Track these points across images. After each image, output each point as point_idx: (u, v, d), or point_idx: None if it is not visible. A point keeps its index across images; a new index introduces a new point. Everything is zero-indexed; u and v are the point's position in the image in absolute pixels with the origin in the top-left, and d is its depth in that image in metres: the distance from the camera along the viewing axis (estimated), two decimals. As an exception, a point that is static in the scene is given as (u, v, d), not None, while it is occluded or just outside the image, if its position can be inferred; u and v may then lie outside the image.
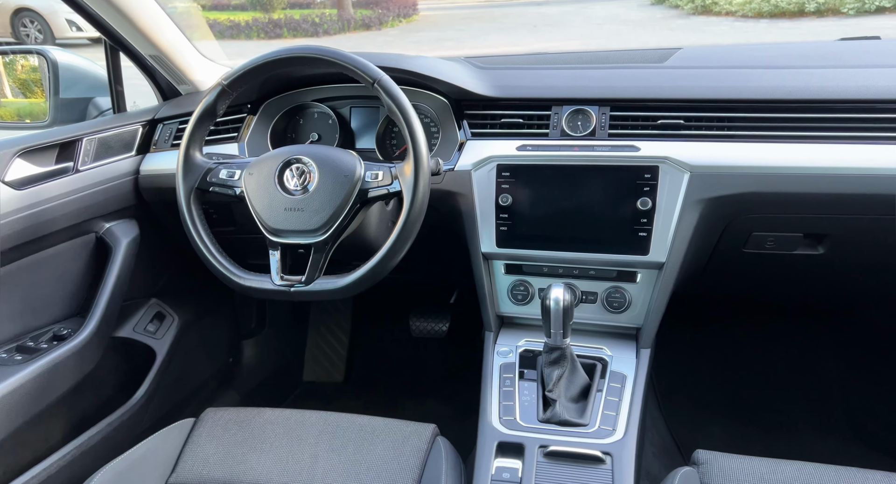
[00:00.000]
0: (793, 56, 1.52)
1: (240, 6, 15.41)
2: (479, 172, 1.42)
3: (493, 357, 1.37)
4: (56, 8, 9.83)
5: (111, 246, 1.49)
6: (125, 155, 1.57)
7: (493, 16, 14.52)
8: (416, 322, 2.30)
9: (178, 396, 1.79)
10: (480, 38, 12.01)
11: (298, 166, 1.24)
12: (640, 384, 1.25)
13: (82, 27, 9.96)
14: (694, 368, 2.04)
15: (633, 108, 1.39)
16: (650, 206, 1.31)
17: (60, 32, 9.84)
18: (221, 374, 2.03)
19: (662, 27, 11.92)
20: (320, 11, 15.01)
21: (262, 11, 14.96)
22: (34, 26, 9.94)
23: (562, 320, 1.21)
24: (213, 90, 1.27)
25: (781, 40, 1.95)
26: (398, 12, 15.05)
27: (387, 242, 1.21)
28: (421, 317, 2.30)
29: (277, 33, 13.30)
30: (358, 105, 1.63)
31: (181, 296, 1.83)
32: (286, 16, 14.39)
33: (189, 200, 1.28)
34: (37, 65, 1.91)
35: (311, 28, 13.48)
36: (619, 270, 1.39)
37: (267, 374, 2.21)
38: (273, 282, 1.24)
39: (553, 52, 1.84)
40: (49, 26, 9.87)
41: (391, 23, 14.41)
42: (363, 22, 14.07)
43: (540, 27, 12.96)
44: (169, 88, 1.71)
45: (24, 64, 2.02)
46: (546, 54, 1.80)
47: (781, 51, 1.57)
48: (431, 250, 1.66)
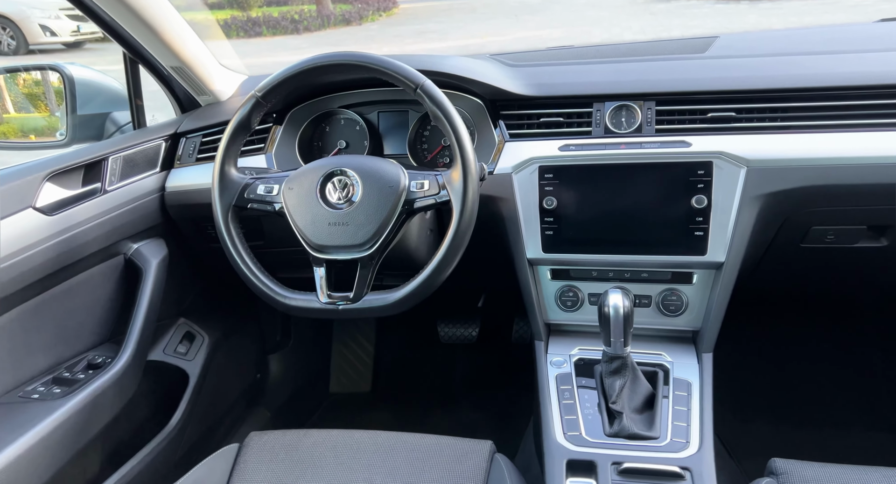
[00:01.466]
0: (838, 40, 1.48)
1: (216, 4, 15.16)
2: (520, 175, 1.37)
3: (547, 368, 1.33)
4: (28, 13, 9.59)
5: (141, 267, 1.43)
6: (150, 172, 1.51)
7: (473, 6, 14.43)
8: (445, 328, 2.25)
9: (212, 418, 1.74)
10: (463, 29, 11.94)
11: (341, 179, 1.20)
12: (708, 392, 1.21)
13: (56, 32, 9.75)
14: (734, 366, 2.01)
15: (680, 101, 1.35)
16: (706, 203, 1.27)
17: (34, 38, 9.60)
18: (251, 391, 1.97)
19: (644, 12, 11.92)
20: (299, 8, 14.81)
21: (239, 10, 14.74)
22: (6, 33, 9.69)
23: (622, 328, 1.17)
24: (246, 103, 1.22)
25: (814, 24, 1.91)
26: (378, 6, 14.91)
27: (437, 254, 1.17)
28: (449, 323, 2.26)
29: (257, 32, 13.11)
30: (386, 110, 1.58)
31: (209, 314, 1.77)
32: (264, 14, 14.18)
33: (227, 218, 1.22)
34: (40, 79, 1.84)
35: (290, 25, 13.31)
36: (674, 272, 1.36)
37: (295, 388, 2.16)
38: (319, 300, 1.19)
39: (581, 46, 1.79)
40: (22, 32, 9.62)
41: (371, 17, 14.27)
42: (343, 17, 13.92)
43: (521, 16, 12.91)
44: (187, 100, 1.65)
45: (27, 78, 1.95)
46: (574, 48, 1.76)
47: (823, 35, 1.54)
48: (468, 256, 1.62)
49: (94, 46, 9.98)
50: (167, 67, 1.49)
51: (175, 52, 1.42)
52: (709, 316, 1.33)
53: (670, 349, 1.35)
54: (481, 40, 10.68)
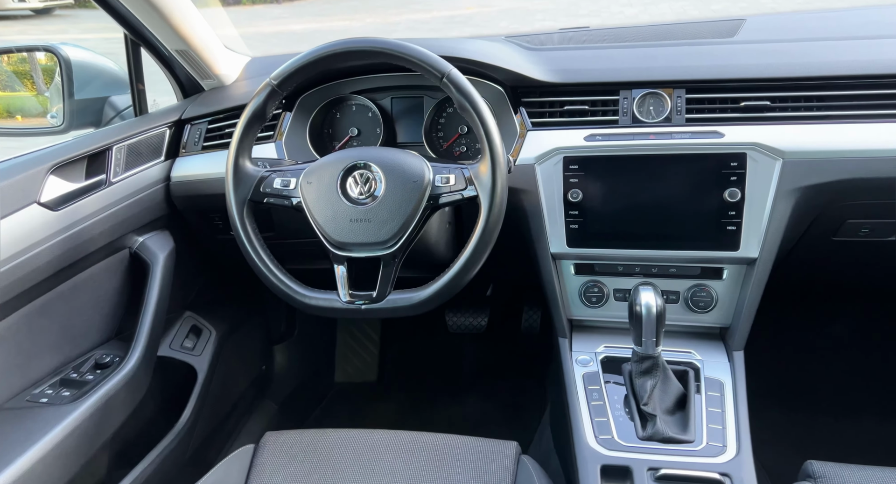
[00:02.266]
0: (874, 24, 1.43)
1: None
2: (543, 166, 1.33)
3: (573, 366, 1.30)
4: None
5: (148, 262, 1.38)
6: (154, 161, 1.45)
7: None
8: (453, 317, 2.22)
9: (221, 414, 1.71)
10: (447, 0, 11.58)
11: (363, 173, 1.15)
12: (742, 393, 1.19)
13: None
14: (759, 360, 1.98)
15: (711, 89, 1.30)
16: (739, 197, 1.24)
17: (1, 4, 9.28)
18: (257, 383, 1.94)
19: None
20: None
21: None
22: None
23: (654, 327, 1.14)
24: (261, 91, 1.16)
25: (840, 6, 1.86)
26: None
27: (464, 252, 1.13)
28: (458, 312, 2.22)
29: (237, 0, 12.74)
30: (399, 96, 1.52)
31: (215, 307, 1.72)
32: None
33: (242, 213, 1.17)
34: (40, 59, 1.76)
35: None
36: (704, 267, 1.32)
37: (300, 379, 2.13)
38: (341, 300, 1.15)
39: (600, 28, 1.73)
40: (-11, -2, 9.28)
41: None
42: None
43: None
44: (190, 84, 1.58)
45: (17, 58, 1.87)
46: (592, 30, 1.70)
47: (857, 18, 1.49)
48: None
49: (65, 13, 9.65)
50: (171, 51, 1.42)
51: (181, 35, 1.35)
52: (740, 313, 1.29)
53: (699, 347, 1.32)
54: (466, 12, 10.48)
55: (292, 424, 2.01)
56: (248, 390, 1.88)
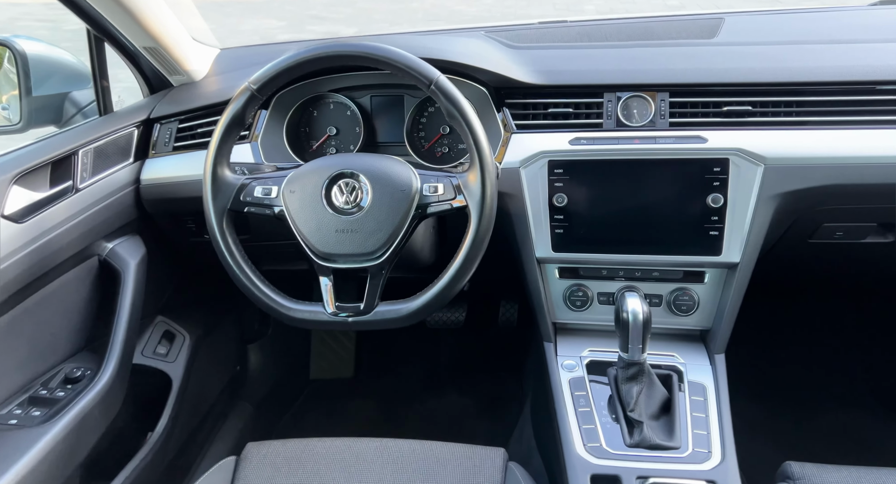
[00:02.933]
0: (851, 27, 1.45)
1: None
2: (528, 170, 1.32)
3: (559, 372, 1.31)
4: None
5: (118, 270, 1.33)
6: (123, 163, 1.39)
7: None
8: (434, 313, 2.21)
9: (196, 419, 1.67)
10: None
11: (348, 182, 1.12)
12: (725, 397, 1.21)
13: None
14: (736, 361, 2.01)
15: (694, 93, 1.31)
16: (722, 202, 1.25)
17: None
18: (231, 385, 1.90)
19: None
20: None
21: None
22: None
23: (641, 334, 1.15)
24: (240, 96, 1.12)
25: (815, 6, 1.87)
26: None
27: (453, 263, 1.12)
28: None
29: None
30: (379, 94, 1.48)
31: (188, 309, 1.68)
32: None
33: (222, 224, 1.13)
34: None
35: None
36: (686, 271, 1.34)
37: (275, 377, 2.10)
38: (327, 312, 1.13)
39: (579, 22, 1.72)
40: None
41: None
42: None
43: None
44: (157, 79, 1.51)
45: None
46: (572, 25, 1.68)
47: (835, 20, 1.51)
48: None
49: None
50: (139, 47, 1.36)
51: (150, 31, 1.29)
52: (721, 316, 1.32)
53: (681, 349, 1.35)
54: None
55: (268, 425, 1.98)
56: (223, 393, 1.85)
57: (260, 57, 1.61)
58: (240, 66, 1.58)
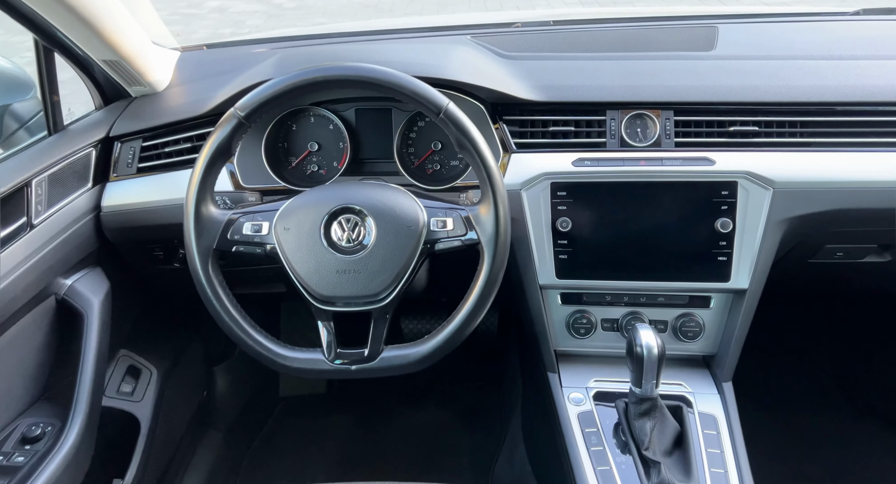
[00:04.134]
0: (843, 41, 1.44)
1: None
2: (530, 192, 1.27)
3: (567, 406, 1.27)
4: None
5: (80, 310, 1.20)
6: (81, 190, 1.25)
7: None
8: (409, 323, 2.14)
9: (165, 459, 1.55)
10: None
11: (349, 217, 1.04)
12: (738, 429, 1.20)
13: None
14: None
15: (699, 111, 1.28)
16: (731, 228, 1.23)
17: None
18: (199, 413, 1.78)
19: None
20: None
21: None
22: None
23: (655, 369, 1.12)
24: (226, 124, 1.01)
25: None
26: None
27: (466, 303, 1.06)
28: (414, 318, 2.14)
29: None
30: (365, 107, 1.38)
31: (153, 339, 1.55)
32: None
33: (207, 266, 1.03)
34: None
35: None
36: (692, 295, 1.31)
37: (244, 399, 1.99)
38: (328, 360, 1.05)
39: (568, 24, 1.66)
40: None
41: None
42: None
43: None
44: (112, 90, 1.36)
45: None
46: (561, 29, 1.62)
47: (827, 33, 1.50)
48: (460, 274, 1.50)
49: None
50: (96, 60, 1.21)
51: (112, 44, 1.14)
52: (728, 343, 1.30)
53: (687, 376, 1.33)
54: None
55: (239, 453, 1.88)
56: (191, 423, 1.73)
57: (227, 61, 1.50)
58: (206, 73, 1.44)
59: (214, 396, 1.89)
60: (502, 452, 1.84)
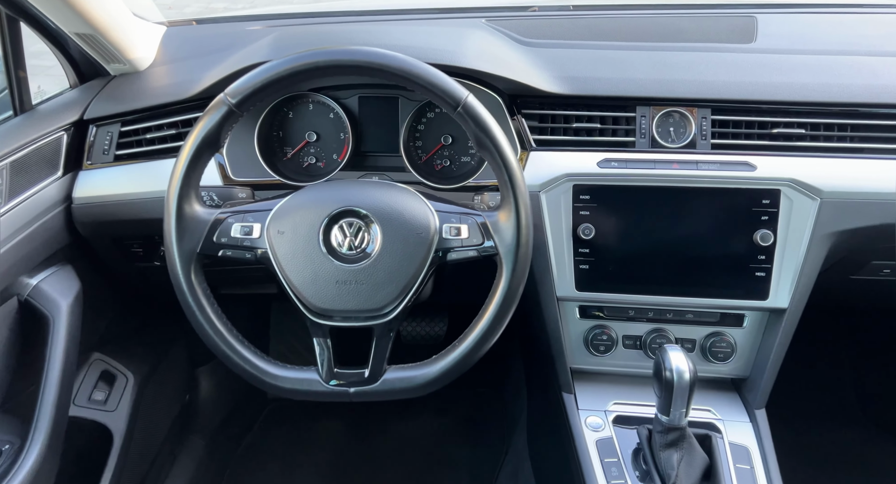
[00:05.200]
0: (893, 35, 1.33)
1: None
2: (550, 194, 1.16)
3: (584, 431, 1.16)
4: None
5: (45, 313, 1.08)
6: (49, 178, 1.12)
7: None
8: (408, 326, 2.02)
9: (141, 471, 1.44)
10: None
11: (352, 222, 0.93)
12: (773, 464, 1.10)
13: None
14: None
15: (739, 111, 1.17)
16: (771, 240, 1.12)
17: None
18: (180, 418, 1.67)
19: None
20: None
21: None
22: None
23: (686, 397, 1.02)
24: (214, 111, 0.90)
25: None
26: None
27: (481, 321, 0.96)
28: (413, 320, 2.03)
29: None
30: (369, 94, 1.26)
31: (130, 342, 1.44)
32: None
33: (189, 272, 0.92)
34: None
35: None
36: (724, 313, 1.21)
37: (229, 403, 1.88)
38: (323, 381, 0.95)
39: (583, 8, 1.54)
40: None
41: None
42: None
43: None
44: (88, 66, 1.24)
45: None
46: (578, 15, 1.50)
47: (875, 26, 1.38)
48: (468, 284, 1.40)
49: None
50: (69, 33, 1.08)
51: (86, 16, 1.01)
52: (762, 366, 1.20)
53: (715, 401, 1.23)
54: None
55: (222, 461, 1.77)
56: (172, 429, 1.62)
57: (217, 39, 1.38)
58: (194, 51, 1.32)
59: (198, 400, 1.78)
60: (504, 467, 1.74)
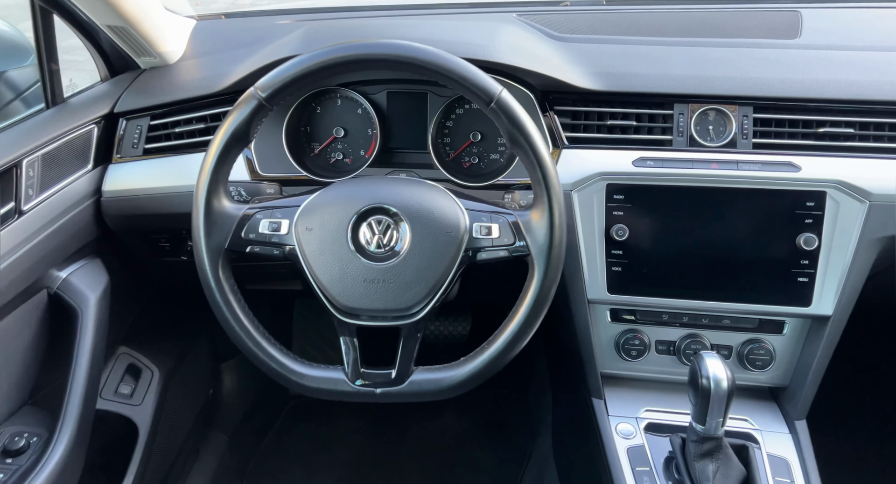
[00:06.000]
0: None
1: None
2: (582, 193, 1.14)
3: (614, 438, 1.14)
4: None
5: (74, 306, 1.09)
6: (80, 171, 1.13)
7: None
8: (430, 326, 2.01)
9: (166, 466, 1.45)
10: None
11: (381, 219, 0.92)
12: (816, 479, 1.06)
13: None
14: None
15: (783, 109, 1.14)
16: (816, 245, 1.08)
17: None
18: (203, 413, 1.68)
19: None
20: None
21: None
22: None
23: (724, 406, 0.99)
24: (244, 105, 0.89)
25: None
26: None
27: (512, 322, 0.94)
28: (435, 319, 2.01)
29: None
30: (397, 90, 1.25)
31: (156, 336, 1.45)
32: None
33: (217, 268, 0.92)
34: None
35: None
36: (763, 319, 1.18)
37: (252, 398, 1.89)
38: (349, 381, 0.94)
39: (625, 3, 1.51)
40: None
41: None
42: None
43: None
44: (119, 60, 1.25)
45: None
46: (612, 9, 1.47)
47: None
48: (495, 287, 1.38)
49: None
50: (101, 25, 1.09)
51: (118, 9, 1.02)
52: (802, 376, 1.16)
53: (752, 410, 1.19)
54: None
55: (244, 457, 1.78)
56: (195, 423, 1.63)
57: (247, 33, 1.38)
58: (224, 45, 1.32)
59: (221, 395, 1.79)
60: (528, 471, 1.72)
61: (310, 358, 0.98)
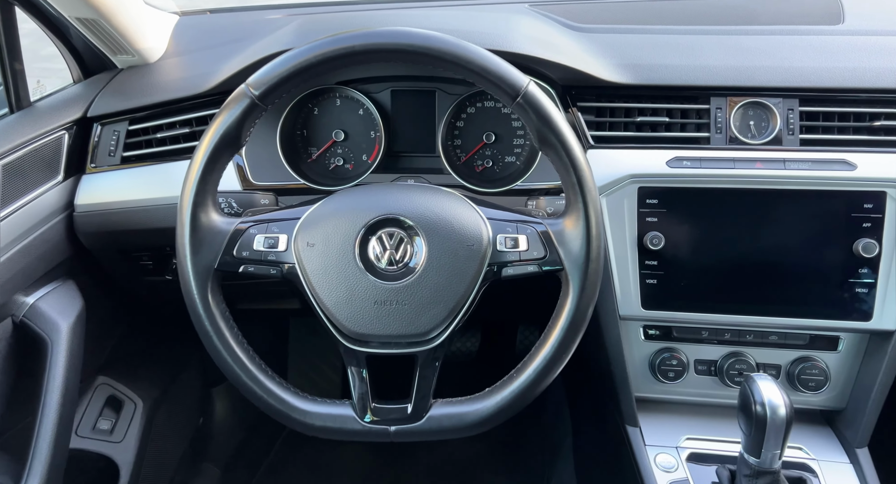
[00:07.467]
0: None
1: None
2: (611, 198, 1.06)
3: (654, 471, 1.04)
4: None
5: (44, 336, 0.98)
6: (48, 183, 1.03)
7: None
8: None
9: None
10: None
11: (393, 232, 0.82)
12: None
13: None
14: None
15: (831, 101, 1.06)
16: (876, 251, 0.99)
17: None
18: (193, 444, 1.57)
19: None
20: None
21: None
22: None
23: (782, 437, 0.89)
24: (234, 104, 0.79)
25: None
26: None
27: (544, 348, 0.84)
28: None
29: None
30: (402, 88, 1.16)
31: (138, 364, 1.34)
32: None
33: (205, 291, 0.81)
34: None
35: None
36: (814, 335, 1.08)
37: (247, 426, 1.77)
38: (359, 419, 0.83)
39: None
40: None
41: None
42: None
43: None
44: (94, 58, 1.15)
45: None
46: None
47: None
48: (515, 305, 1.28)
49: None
50: (69, 18, 0.99)
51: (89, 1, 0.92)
52: (862, 398, 1.07)
53: (806, 437, 1.10)
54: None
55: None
56: (184, 458, 1.52)
57: (235, 28, 1.29)
58: (209, 42, 1.24)
59: (212, 424, 1.68)
60: None
61: (309, 381, 0.88)
